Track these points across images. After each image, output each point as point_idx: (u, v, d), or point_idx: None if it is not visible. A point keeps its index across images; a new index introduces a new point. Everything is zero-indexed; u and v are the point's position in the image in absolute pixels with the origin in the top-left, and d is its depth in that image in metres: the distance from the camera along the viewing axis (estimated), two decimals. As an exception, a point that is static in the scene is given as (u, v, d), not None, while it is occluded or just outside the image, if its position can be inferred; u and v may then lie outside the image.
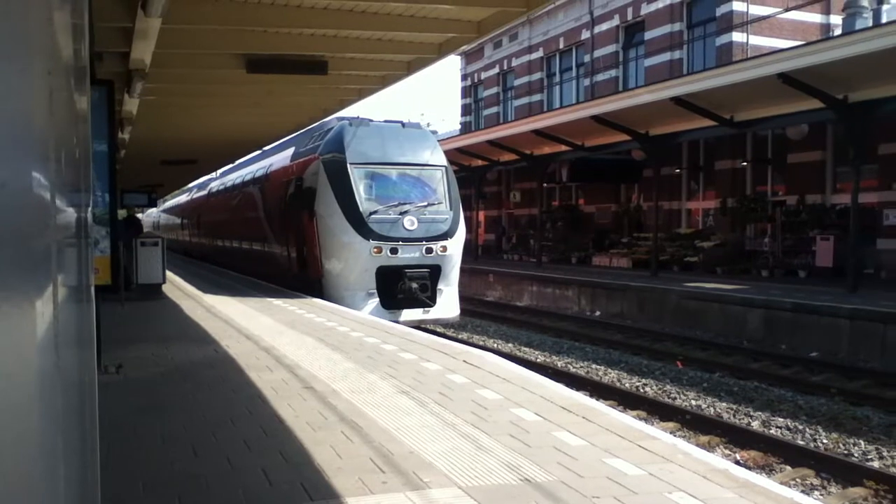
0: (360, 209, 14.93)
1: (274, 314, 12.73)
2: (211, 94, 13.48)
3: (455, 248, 15.57)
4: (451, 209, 15.75)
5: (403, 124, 16.72)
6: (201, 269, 25.97)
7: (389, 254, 14.85)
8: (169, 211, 45.53)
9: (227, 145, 19.86)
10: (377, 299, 14.95)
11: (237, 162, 26.49)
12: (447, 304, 15.59)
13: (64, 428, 1.56)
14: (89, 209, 3.20)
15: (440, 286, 15.38)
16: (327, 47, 10.62)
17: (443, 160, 16.38)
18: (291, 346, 9.34)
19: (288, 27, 10.07)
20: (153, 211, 45.92)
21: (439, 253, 15.21)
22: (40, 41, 1.32)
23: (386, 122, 16.93)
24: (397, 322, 13.25)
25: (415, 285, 14.92)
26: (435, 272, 15.26)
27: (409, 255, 14.99)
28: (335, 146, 15.68)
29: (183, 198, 40.76)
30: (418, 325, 13.79)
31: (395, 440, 5.23)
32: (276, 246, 19.04)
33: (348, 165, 15.22)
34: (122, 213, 16.55)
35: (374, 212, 14.99)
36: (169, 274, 18.05)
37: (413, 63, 11.73)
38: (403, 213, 15.13)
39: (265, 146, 21.33)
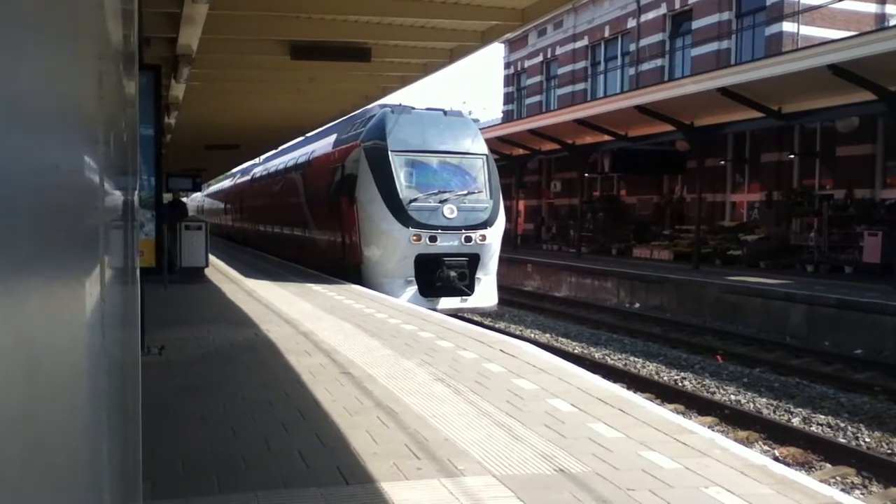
0: (401, 196, 14.98)
1: (313, 299, 12.85)
2: (255, 80, 13.61)
3: (494, 237, 15.53)
4: (491, 198, 15.70)
5: (445, 112, 16.68)
6: (243, 253, 26.30)
7: (428, 242, 14.87)
8: (212, 195, 46.08)
9: (269, 131, 20.05)
10: (415, 287, 14.98)
11: (280, 148, 26.70)
12: (485, 293, 15.56)
13: (108, 406, 1.60)
14: (136, 192, 3.26)
15: (478, 275, 15.36)
16: (370, 34, 10.65)
17: (484, 149, 16.33)
18: (330, 332, 9.42)
19: (332, 14, 10.12)
20: (197, 195, 46.55)
21: (478, 242, 15.19)
22: (91, 26, 1.34)
23: (428, 109, 16.93)
24: (435, 310, 13.28)
25: (453, 274, 14.93)
26: (473, 261, 15.25)
27: (448, 243, 14.99)
28: (377, 133, 15.72)
29: (226, 183, 41.23)
30: (456, 314, 13.79)
31: (430, 427, 5.26)
32: (316, 232, 19.19)
33: (389, 153, 15.25)
34: (167, 197, 16.81)
35: (414, 199, 15.03)
36: (211, 258, 18.31)
37: (455, 51, 11.70)
38: (443, 202, 15.13)
39: (307, 132, 21.49)
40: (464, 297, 15.23)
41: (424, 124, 15.96)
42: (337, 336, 9.10)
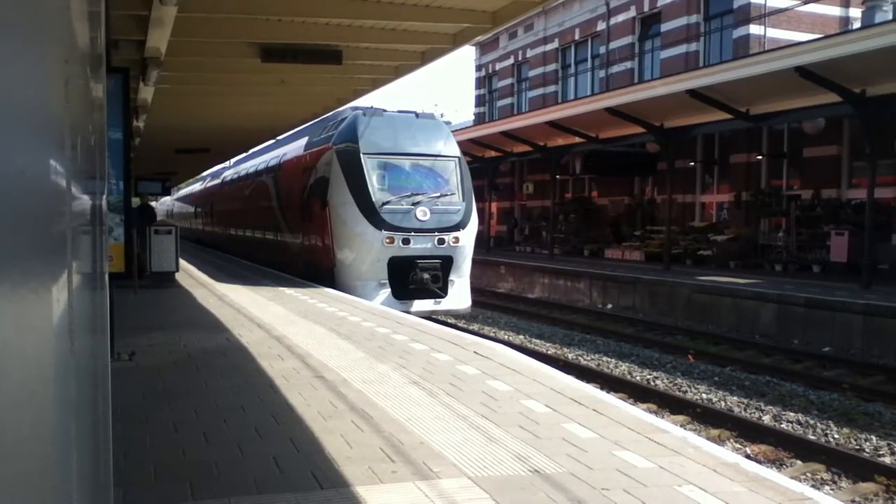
0: (373, 199, 14.92)
1: (286, 303, 12.78)
2: (225, 82, 13.50)
3: (467, 239, 15.53)
4: (463, 200, 15.70)
5: (417, 114, 16.67)
6: (214, 257, 26.08)
7: (401, 244, 14.83)
8: (182, 199, 45.63)
9: (240, 134, 19.91)
10: (389, 289, 14.93)
11: (250, 151, 26.53)
12: (459, 295, 15.56)
13: (77, 413, 1.58)
14: (104, 197, 3.22)
15: (452, 277, 15.35)
16: (342, 37, 10.61)
17: (456, 151, 16.33)
18: (303, 336, 9.37)
19: (303, 16, 10.07)
20: (167, 199, 46.10)
21: (451, 244, 15.18)
22: (57, 29, 1.32)
23: (399, 112, 16.86)
24: (408, 313, 13.24)
25: (426, 276, 14.90)
26: (447, 263, 15.24)
27: (421, 245, 14.97)
28: (348, 136, 15.66)
29: (196, 186, 40.86)
30: (429, 316, 13.77)
31: (405, 430, 5.25)
32: (288, 235, 19.08)
33: (361, 155, 15.20)
34: (136, 201, 16.62)
35: (387, 202, 14.98)
36: (182, 262, 18.13)
37: (427, 53, 11.70)
38: (416, 204, 15.11)
39: (279, 135, 21.37)
40: (437, 300, 15.21)
41: (396, 127, 15.92)
42: (310, 340, 9.05)
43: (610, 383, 10.79)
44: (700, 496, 4.04)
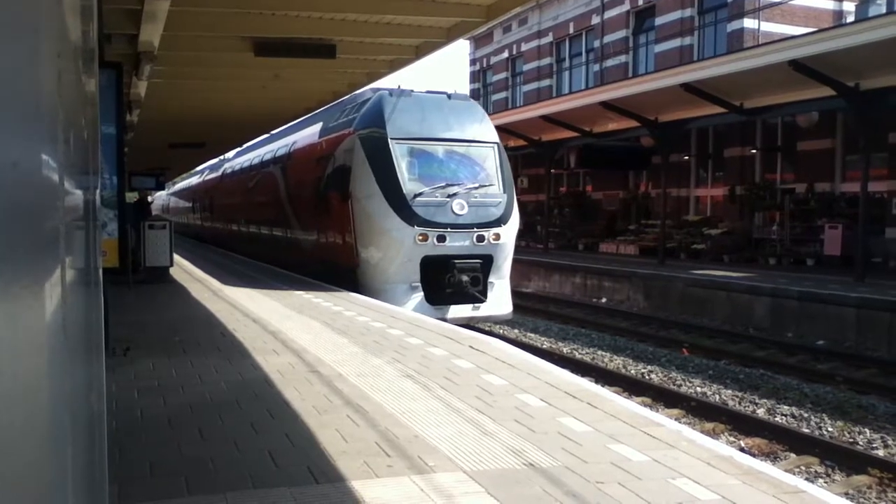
0: (404, 191, 13.24)
1: (281, 299, 12.77)
2: (219, 77, 13.45)
3: (509, 235, 13.86)
4: (504, 192, 14.02)
5: (449, 95, 14.90)
6: (212, 254, 25.98)
7: (436, 242, 13.16)
8: (179, 194, 45.07)
9: (235, 128, 19.82)
10: (421, 294, 13.34)
11: (254, 141, 25.30)
12: (499, 299, 13.92)
13: (72, 409, 1.57)
14: (97, 192, 3.21)
15: (491, 279, 13.69)
16: (335, 31, 10.58)
17: (494, 136, 14.59)
18: (298, 331, 9.36)
19: (296, 10, 10.03)
20: (162, 194, 45.80)
21: (492, 241, 13.50)
22: (50, 23, 1.32)
23: (428, 92, 15.01)
24: (444, 320, 11.88)
25: (465, 278, 13.19)
26: (486, 263, 13.55)
27: (458, 243, 13.29)
28: (373, 120, 14.00)
29: (194, 179, 39.95)
30: (467, 324, 12.45)
31: (400, 424, 5.25)
32: (300, 231, 17.60)
33: (389, 141, 13.50)
34: (131, 196, 16.54)
35: (419, 194, 13.27)
36: (178, 258, 18.07)
37: (421, 47, 11.68)
38: (452, 196, 13.40)
39: (273, 130, 21.20)
40: (476, 305, 13.55)
41: (426, 109, 14.17)
42: (305, 335, 9.04)
43: (605, 377, 10.81)
44: (694, 489, 4.06)
